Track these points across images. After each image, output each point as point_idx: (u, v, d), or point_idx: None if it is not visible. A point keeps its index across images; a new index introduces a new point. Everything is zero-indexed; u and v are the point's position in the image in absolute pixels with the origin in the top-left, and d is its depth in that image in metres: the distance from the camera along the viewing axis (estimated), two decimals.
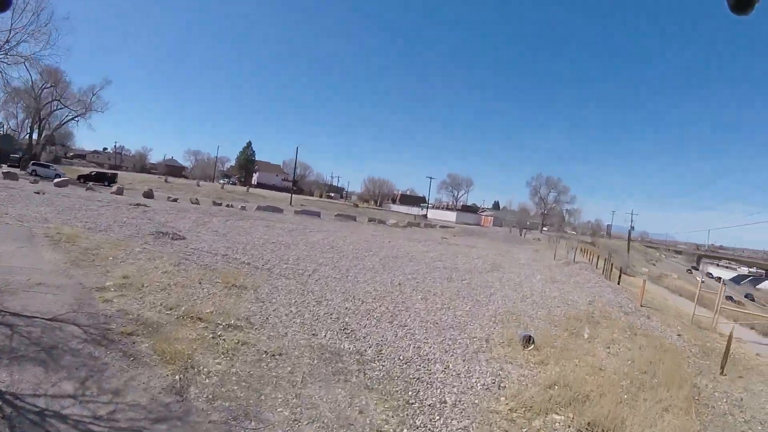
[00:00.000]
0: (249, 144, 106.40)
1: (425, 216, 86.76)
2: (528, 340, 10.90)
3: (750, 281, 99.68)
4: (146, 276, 11.98)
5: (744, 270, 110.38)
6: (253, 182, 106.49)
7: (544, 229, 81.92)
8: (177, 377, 7.18)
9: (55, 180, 32.78)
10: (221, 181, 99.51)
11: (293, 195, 72.64)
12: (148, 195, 36.88)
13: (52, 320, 8.01)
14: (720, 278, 67.44)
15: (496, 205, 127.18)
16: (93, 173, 46.15)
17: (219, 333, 9.20)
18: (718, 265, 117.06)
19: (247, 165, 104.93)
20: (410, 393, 7.85)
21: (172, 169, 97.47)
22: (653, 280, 40.90)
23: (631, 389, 9.04)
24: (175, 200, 37.85)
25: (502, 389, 8.34)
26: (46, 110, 48.99)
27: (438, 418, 7.03)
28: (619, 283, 21.65)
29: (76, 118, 52.29)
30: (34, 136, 48.45)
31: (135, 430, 5.71)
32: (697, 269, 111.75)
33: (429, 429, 6.69)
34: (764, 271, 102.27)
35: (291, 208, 51.69)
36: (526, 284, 20.32)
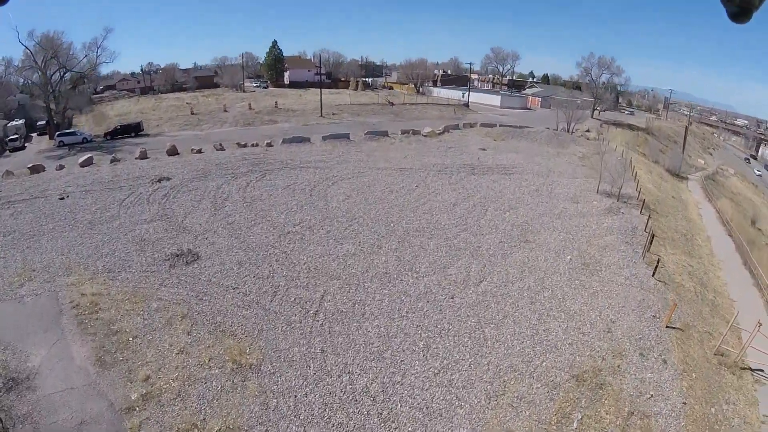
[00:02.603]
0: (275, 43, 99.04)
1: (467, 105, 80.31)
2: None
3: None
4: (164, 368, 13.41)
5: None
6: (285, 81, 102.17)
7: (596, 110, 73.46)
8: None
9: (80, 160, 33.57)
10: (254, 85, 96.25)
11: (328, 90, 69.92)
12: (172, 152, 37.08)
13: None
14: None
15: (545, 79, 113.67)
16: (118, 127, 47.02)
17: None
18: None
19: (275, 65, 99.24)
20: None
21: (203, 80, 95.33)
22: (706, 185, 37.63)
23: None
24: (199, 151, 37.90)
25: None
26: (56, 79, 48.64)
27: None
28: (654, 273, 19.64)
29: (86, 78, 53.03)
30: (52, 106, 48.85)
31: None
32: (756, 158, 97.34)
33: None
34: None
35: (320, 130, 49.36)
36: (549, 282, 19.25)
